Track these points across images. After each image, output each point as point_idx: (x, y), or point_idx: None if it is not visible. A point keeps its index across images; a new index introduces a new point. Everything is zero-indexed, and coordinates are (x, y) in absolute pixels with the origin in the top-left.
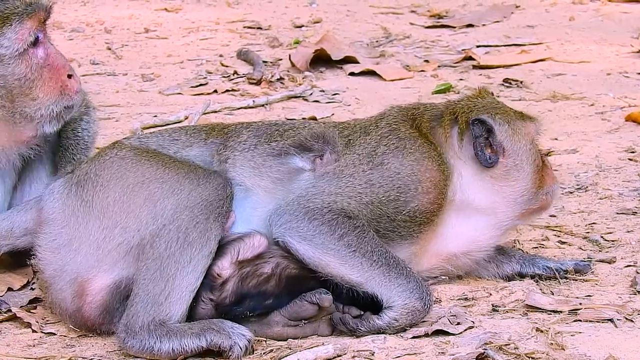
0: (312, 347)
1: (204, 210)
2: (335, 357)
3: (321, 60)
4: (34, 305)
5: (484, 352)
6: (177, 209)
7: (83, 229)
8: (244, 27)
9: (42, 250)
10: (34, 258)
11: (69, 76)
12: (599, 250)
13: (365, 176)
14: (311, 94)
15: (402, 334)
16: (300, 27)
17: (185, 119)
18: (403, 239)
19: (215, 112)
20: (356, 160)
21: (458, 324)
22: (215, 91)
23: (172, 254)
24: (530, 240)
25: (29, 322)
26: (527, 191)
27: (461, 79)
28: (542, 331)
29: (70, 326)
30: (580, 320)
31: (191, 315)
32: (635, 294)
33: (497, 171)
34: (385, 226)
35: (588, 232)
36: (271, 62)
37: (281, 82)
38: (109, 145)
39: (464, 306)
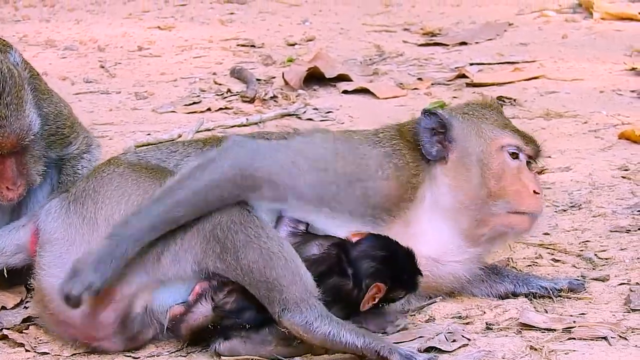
0: None
1: None
2: None
3: (314, 78)
4: (27, 325)
5: None
6: None
7: (97, 243)
8: (238, 45)
9: (48, 268)
10: (32, 278)
11: (8, 188)
12: (593, 268)
13: (334, 144)
14: (305, 112)
15: None
16: (293, 45)
17: (179, 137)
18: (351, 215)
19: (209, 130)
20: (331, 135)
21: (454, 341)
22: (209, 109)
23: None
24: (524, 258)
25: (21, 343)
26: (475, 195)
27: (454, 97)
28: (536, 349)
29: (76, 340)
30: (574, 339)
31: (186, 319)
32: (629, 312)
33: (448, 167)
34: (331, 195)
35: (582, 250)
36: (264, 80)
37: (275, 100)
38: (105, 162)
39: (458, 324)
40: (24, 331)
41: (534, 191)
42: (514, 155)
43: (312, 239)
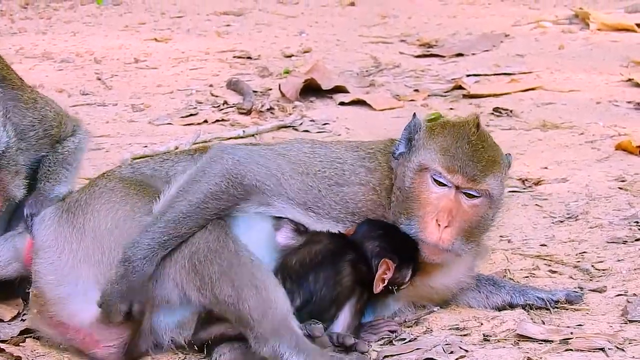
0: None
1: None
2: None
3: (311, 89)
4: (24, 337)
5: None
6: None
7: (83, 255)
8: (234, 56)
9: (42, 275)
10: (31, 284)
11: None
12: (590, 280)
13: (311, 148)
14: (301, 123)
15: None
16: (290, 56)
17: (176, 149)
18: (334, 221)
19: (206, 142)
20: (309, 141)
21: (451, 352)
22: (206, 121)
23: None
24: (521, 269)
25: (19, 356)
26: (394, 208)
27: (451, 108)
28: None
29: (73, 346)
30: (571, 350)
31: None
32: (626, 323)
33: (397, 172)
34: (314, 200)
35: (579, 261)
36: (261, 92)
37: (271, 112)
38: (99, 175)
39: (455, 336)
40: (21, 344)
41: (437, 222)
42: (439, 183)
43: (315, 236)
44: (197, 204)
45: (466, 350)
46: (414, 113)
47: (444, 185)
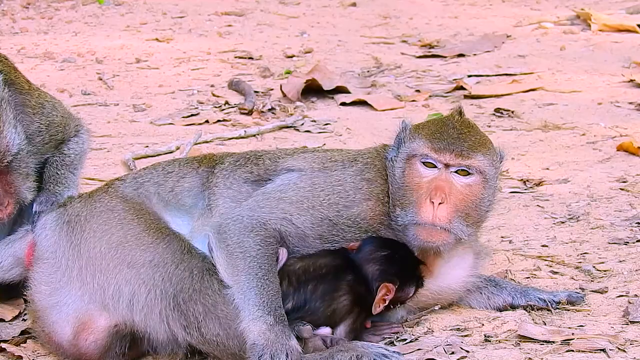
0: None
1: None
2: None
3: (312, 90)
4: (24, 337)
5: None
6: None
7: (77, 274)
8: (235, 57)
9: (37, 283)
10: (26, 289)
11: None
12: (591, 280)
13: (309, 180)
14: (302, 124)
15: None
16: (291, 57)
17: (177, 149)
18: (350, 242)
19: (207, 142)
20: (308, 168)
21: (452, 353)
22: (207, 121)
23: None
24: (522, 270)
25: (20, 356)
26: (391, 204)
27: (452, 109)
28: None
29: (66, 357)
30: (572, 351)
31: None
32: (627, 324)
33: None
34: (329, 230)
35: (580, 262)
36: (262, 92)
37: (272, 112)
38: (103, 187)
39: (457, 336)
40: (22, 344)
41: (431, 201)
42: (428, 165)
43: (314, 257)
44: (257, 257)
45: (467, 351)
46: (403, 120)
47: (434, 166)
